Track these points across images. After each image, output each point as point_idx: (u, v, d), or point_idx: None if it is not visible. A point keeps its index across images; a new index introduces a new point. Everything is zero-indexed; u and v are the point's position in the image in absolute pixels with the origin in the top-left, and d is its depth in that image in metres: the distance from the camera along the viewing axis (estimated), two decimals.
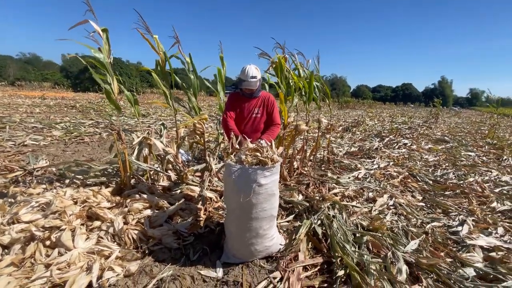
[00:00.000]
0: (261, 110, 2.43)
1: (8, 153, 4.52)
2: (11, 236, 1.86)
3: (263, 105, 2.44)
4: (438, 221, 2.67)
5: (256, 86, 2.29)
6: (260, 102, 2.43)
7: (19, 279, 1.57)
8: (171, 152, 2.67)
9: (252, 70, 2.24)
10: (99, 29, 2.39)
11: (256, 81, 2.26)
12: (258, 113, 2.43)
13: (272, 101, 2.49)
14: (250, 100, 2.42)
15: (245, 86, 2.27)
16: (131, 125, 8.47)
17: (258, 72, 2.29)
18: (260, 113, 2.44)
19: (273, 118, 2.49)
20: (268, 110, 2.46)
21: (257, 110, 2.43)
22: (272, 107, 2.46)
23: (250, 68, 2.25)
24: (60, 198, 2.23)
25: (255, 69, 2.27)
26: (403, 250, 2.07)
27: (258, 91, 2.40)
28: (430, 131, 10.63)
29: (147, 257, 1.89)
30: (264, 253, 1.97)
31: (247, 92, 2.37)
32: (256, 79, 2.26)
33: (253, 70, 2.25)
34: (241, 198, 1.72)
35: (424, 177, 4.19)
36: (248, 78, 2.23)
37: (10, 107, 11.07)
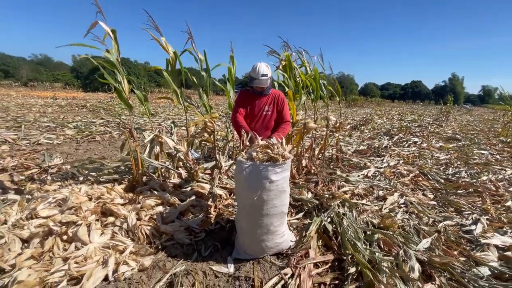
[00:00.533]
0: (271, 108, 2.44)
1: (24, 151, 4.66)
2: (30, 231, 1.92)
3: (274, 103, 2.44)
4: (450, 220, 2.63)
5: (267, 84, 2.30)
6: (271, 99, 2.44)
7: (39, 272, 1.63)
8: (182, 150, 2.71)
9: (263, 68, 2.25)
10: (108, 30, 2.45)
11: (267, 79, 2.27)
12: (268, 110, 2.44)
13: (283, 98, 2.49)
14: (260, 98, 2.42)
15: (256, 84, 2.28)
16: (140, 123, 8.61)
17: (269, 70, 2.30)
18: (270, 111, 2.44)
19: (283, 116, 2.49)
20: (278, 108, 2.46)
21: (268, 107, 2.43)
22: (283, 104, 2.47)
23: (261, 66, 2.26)
24: (76, 194, 2.30)
25: (266, 67, 2.28)
26: (415, 249, 2.05)
27: (268, 88, 2.40)
28: (441, 129, 10.43)
29: (160, 252, 1.93)
30: (275, 249, 1.98)
31: (258, 90, 2.38)
32: (267, 77, 2.26)
33: (264, 68, 2.26)
34: (252, 194, 1.74)
35: (435, 176, 4.12)
36: (259, 76, 2.24)
37: (24, 107, 11.39)
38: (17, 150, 4.71)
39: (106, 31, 2.43)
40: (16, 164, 3.70)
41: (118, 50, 2.57)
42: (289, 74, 3.37)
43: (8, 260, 1.69)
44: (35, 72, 54.08)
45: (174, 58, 2.92)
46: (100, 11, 2.43)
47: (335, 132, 6.12)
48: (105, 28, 2.42)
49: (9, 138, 5.39)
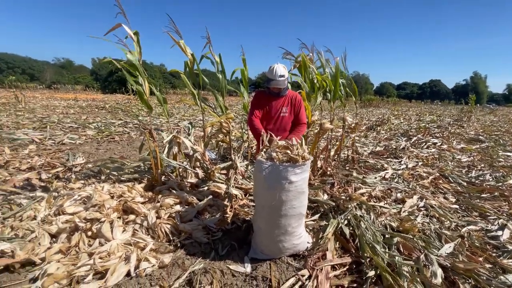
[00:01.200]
0: (288, 109, 2.43)
1: (49, 150, 4.90)
2: (58, 226, 2.03)
3: (291, 104, 2.43)
4: (474, 225, 2.53)
5: (284, 85, 2.30)
6: (288, 101, 2.43)
7: (67, 266, 1.71)
8: (199, 150, 2.76)
9: (280, 69, 2.25)
10: (131, 32, 2.52)
11: (284, 80, 2.27)
12: (286, 112, 2.43)
13: (299, 100, 2.47)
14: (277, 99, 2.42)
15: (273, 85, 2.28)
16: (156, 124, 8.81)
17: (286, 71, 2.30)
18: (288, 112, 2.43)
19: (300, 117, 2.48)
20: (295, 109, 2.45)
21: (285, 109, 2.42)
22: (299, 106, 2.45)
23: (278, 67, 2.26)
24: (99, 192, 2.40)
25: (283, 68, 2.28)
26: (436, 254, 1.99)
27: (285, 89, 2.40)
28: (462, 130, 10.01)
29: (179, 250, 1.98)
30: (292, 250, 1.98)
31: (274, 91, 2.38)
32: (284, 77, 2.26)
33: (281, 69, 2.26)
34: (271, 195, 1.75)
35: (457, 178, 3.97)
36: (276, 77, 2.24)
37: (48, 108, 11.96)
38: (43, 150, 4.96)
39: (128, 33, 2.51)
40: (43, 163, 3.91)
41: (140, 53, 2.64)
42: (303, 74, 3.35)
43: (39, 254, 1.79)
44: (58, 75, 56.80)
45: (192, 61, 2.98)
46: (122, 12, 2.50)
47: (351, 133, 6.03)
48: (128, 30, 2.49)
49: (36, 138, 5.69)
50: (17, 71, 54.24)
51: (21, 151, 4.64)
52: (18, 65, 56.52)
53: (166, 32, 2.80)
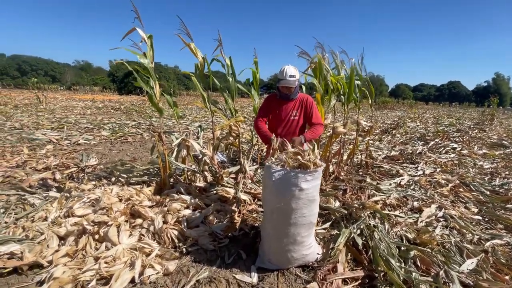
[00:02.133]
0: (298, 113, 2.36)
1: (65, 151, 5.04)
2: (67, 229, 2.04)
3: (301, 107, 2.36)
4: (499, 239, 2.34)
5: (295, 85, 2.23)
6: (298, 104, 2.36)
7: (72, 270, 1.71)
8: (208, 154, 2.73)
9: (290, 70, 2.20)
10: (145, 36, 2.54)
11: (294, 80, 2.21)
12: (296, 115, 2.36)
13: (311, 102, 2.40)
14: (287, 103, 2.36)
15: (283, 84, 2.22)
16: (169, 126, 8.93)
17: (297, 72, 2.24)
18: (298, 116, 2.36)
19: (315, 118, 2.40)
20: (307, 112, 2.37)
21: (295, 112, 2.35)
22: (311, 108, 2.38)
23: (288, 67, 2.21)
24: (108, 195, 2.40)
25: (294, 69, 2.22)
26: (457, 270, 1.85)
27: (295, 92, 2.33)
28: (484, 134, 9.52)
29: (185, 257, 1.94)
30: (301, 261, 1.90)
31: (284, 93, 2.31)
32: (295, 78, 2.20)
33: (292, 70, 2.21)
34: (280, 202, 1.68)
35: (480, 187, 3.74)
36: (286, 77, 2.18)
37: (67, 109, 12.40)
38: (60, 150, 5.11)
39: (142, 37, 2.52)
40: (58, 163, 4.01)
41: (152, 56, 2.65)
42: (318, 76, 3.26)
43: (47, 256, 1.80)
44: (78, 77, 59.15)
45: (203, 63, 2.96)
46: (138, 17, 2.52)
47: (365, 136, 5.84)
48: (142, 34, 2.51)
49: (53, 138, 5.88)
50: (40, 73, 56.97)
51: (39, 151, 4.80)
52: (41, 67, 59.37)
53: (176, 34, 2.80)
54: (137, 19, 2.52)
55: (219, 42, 2.92)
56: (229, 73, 3.12)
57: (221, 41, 2.92)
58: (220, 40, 2.91)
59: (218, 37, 2.91)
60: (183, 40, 2.81)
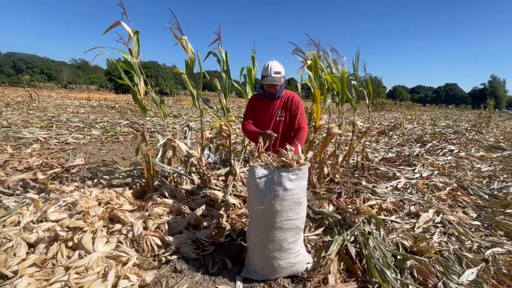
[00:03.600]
0: (284, 112, 2.14)
1: (52, 150, 4.87)
2: (38, 235, 1.89)
3: (287, 106, 2.15)
4: (500, 246, 2.22)
5: (280, 82, 2.00)
6: (284, 103, 2.16)
7: (39, 281, 1.56)
8: (195, 155, 2.58)
9: (275, 66, 2.01)
10: (130, 31, 2.41)
11: (280, 77, 2.00)
12: (282, 115, 2.14)
13: (297, 101, 2.15)
14: (272, 102, 2.14)
15: (268, 81, 2.00)
16: (162, 125, 8.75)
17: (282, 68, 2.05)
18: (284, 116, 2.15)
19: (297, 121, 2.12)
20: (292, 112, 2.13)
21: (281, 112, 2.13)
22: (297, 107, 2.13)
23: (273, 63, 2.01)
24: (86, 198, 2.25)
25: (279, 65, 2.03)
26: (457, 281, 1.73)
27: (281, 90, 2.11)
28: (481, 136, 9.47)
29: (164, 266, 1.79)
30: (289, 270, 1.77)
31: (269, 91, 2.10)
32: (280, 75, 2.00)
33: (277, 66, 2.01)
34: (264, 203, 1.59)
35: (478, 190, 3.63)
36: (271, 73, 1.98)
37: (60, 108, 12.17)
38: (46, 149, 4.93)
39: (128, 32, 2.40)
40: (41, 163, 3.84)
41: (138, 52, 2.52)
42: (314, 74, 3.14)
43: (12, 266, 1.65)
44: (74, 75, 58.71)
45: (193, 59, 2.82)
46: (124, 12, 2.39)
47: (362, 138, 5.74)
48: (127, 29, 2.38)
49: (41, 137, 5.69)
50: (35, 71, 56.38)
51: (24, 150, 4.62)
52: (36, 65, 58.76)
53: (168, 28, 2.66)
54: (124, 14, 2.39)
55: (218, 35, 2.78)
56: (224, 69, 2.98)
57: (221, 35, 2.79)
58: (220, 33, 2.78)
59: (218, 30, 2.77)
60: (174, 34, 2.66)
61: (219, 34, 2.80)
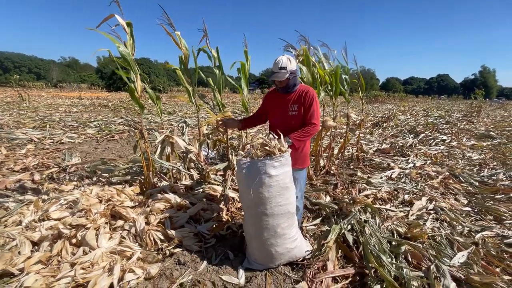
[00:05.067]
0: (297, 107, 2.05)
1: (47, 150, 4.83)
2: (41, 233, 1.91)
3: (300, 101, 2.06)
4: (489, 230, 2.33)
5: (283, 78, 1.94)
6: (297, 97, 2.06)
7: (46, 277, 1.59)
8: (193, 151, 2.61)
9: (282, 61, 1.93)
10: (124, 23, 2.35)
11: (284, 73, 1.93)
12: (295, 110, 2.04)
13: (311, 95, 2.04)
14: (286, 96, 2.07)
15: (272, 78, 1.98)
16: (157, 123, 8.71)
17: (290, 63, 1.96)
18: (297, 111, 2.05)
19: (309, 115, 2.03)
20: (304, 106, 2.03)
21: (294, 107, 2.04)
22: (310, 101, 2.03)
23: (281, 58, 1.95)
24: (87, 196, 2.27)
25: (287, 60, 1.95)
26: (449, 264, 1.82)
27: (292, 85, 2.04)
28: (472, 125, 9.68)
29: (168, 259, 1.84)
30: (287, 256, 1.83)
31: (279, 86, 2.07)
32: (286, 70, 1.93)
33: (284, 61, 1.93)
34: (253, 192, 1.68)
35: (469, 178, 3.75)
36: (277, 68, 1.95)
37: (52, 107, 11.97)
38: (41, 149, 4.89)
39: (121, 24, 2.33)
40: (38, 163, 3.82)
41: (133, 46, 2.47)
42: (307, 68, 3.17)
43: (17, 264, 1.68)
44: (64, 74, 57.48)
45: (187, 55, 2.82)
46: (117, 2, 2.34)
47: (356, 130, 5.81)
48: (120, 21, 2.31)
49: (35, 138, 5.62)
50: (23, 70, 55.04)
51: (18, 151, 4.57)
52: (24, 64, 57.33)
53: (160, 24, 2.65)
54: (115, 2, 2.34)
55: (205, 32, 2.77)
56: (216, 65, 2.99)
57: (207, 31, 2.78)
58: (205, 29, 2.77)
59: (203, 27, 2.77)
60: (166, 30, 2.66)
61: (205, 31, 2.78)
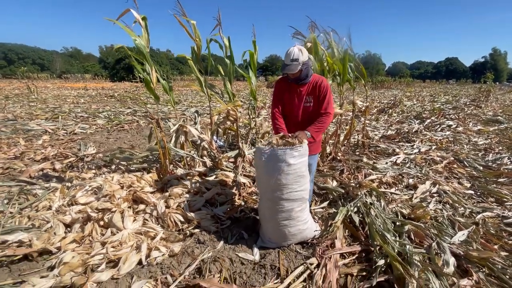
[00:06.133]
0: (312, 98, 2.08)
1: (62, 141, 5.01)
2: (72, 216, 2.09)
3: (314, 91, 2.09)
4: (490, 211, 2.44)
5: (296, 70, 1.94)
6: (311, 88, 2.08)
7: (81, 255, 1.77)
8: (206, 139, 2.74)
9: (294, 52, 1.93)
10: (139, 17, 2.42)
11: (297, 65, 1.93)
12: (310, 101, 2.07)
13: (325, 86, 2.07)
14: (300, 87, 2.08)
15: (286, 71, 1.97)
16: (164, 112, 8.83)
17: (302, 54, 1.96)
18: (312, 102, 2.08)
19: (324, 106, 2.06)
20: (319, 96, 2.06)
21: (309, 98, 2.07)
22: (325, 92, 2.06)
23: (293, 50, 1.95)
24: (109, 182, 2.44)
25: (298, 51, 1.94)
26: (449, 241, 1.94)
27: (305, 76, 2.04)
28: (480, 110, 9.57)
29: (188, 239, 2.01)
30: (299, 236, 1.98)
31: (291, 77, 2.11)
32: (298, 61, 1.93)
33: (296, 52, 1.93)
34: (271, 178, 1.80)
35: (473, 162, 3.83)
36: (288, 61, 1.94)
37: (59, 98, 12.16)
38: (56, 140, 5.08)
39: (136, 18, 2.40)
40: (56, 153, 4.01)
41: (147, 39, 2.54)
42: (315, 56, 3.21)
43: (54, 243, 1.86)
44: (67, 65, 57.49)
45: (200, 46, 2.88)
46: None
47: (361, 117, 5.86)
48: (136, 15, 2.37)
49: (49, 129, 5.82)
50: (27, 62, 55.17)
51: (35, 142, 4.77)
52: (28, 55, 57.40)
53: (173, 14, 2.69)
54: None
55: (218, 21, 2.82)
56: (227, 55, 3.05)
57: (220, 20, 2.83)
58: (220, 19, 2.82)
59: (218, 16, 2.81)
60: (179, 21, 2.71)
61: (218, 20, 2.84)
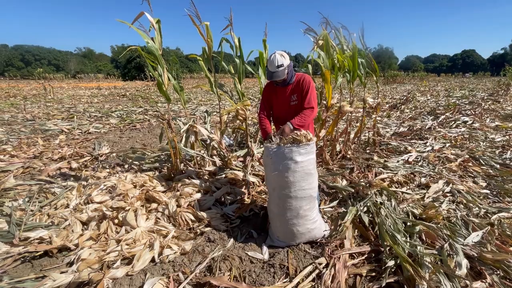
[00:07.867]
0: (297, 96, 2.19)
1: (77, 140, 5.19)
2: (88, 215, 2.17)
3: (298, 89, 2.19)
4: (506, 211, 2.37)
5: (285, 75, 2.04)
6: (296, 86, 2.19)
7: (97, 251, 1.85)
8: (216, 139, 2.78)
9: (277, 59, 2.01)
10: (153, 20, 2.48)
11: (283, 70, 2.02)
12: (295, 100, 2.18)
13: (308, 82, 2.15)
14: (285, 88, 2.19)
15: (273, 78, 2.05)
16: (174, 111, 8.97)
17: (285, 58, 2.04)
18: (297, 100, 2.18)
19: (307, 100, 2.13)
20: (302, 92, 2.15)
21: (294, 97, 2.18)
22: (307, 88, 2.14)
23: (275, 56, 2.01)
24: (123, 182, 2.52)
25: (280, 56, 2.02)
26: (462, 243, 1.90)
27: (290, 77, 2.15)
28: (498, 105, 9.20)
29: (199, 237, 2.06)
30: (308, 235, 1.99)
31: (278, 82, 2.17)
32: (283, 67, 2.02)
33: (279, 58, 2.01)
34: (279, 176, 1.83)
35: (489, 160, 3.70)
36: (274, 68, 2.01)
37: (74, 98, 12.55)
38: (72, 139, 5.26)
39: (150, 22, 2.46)
40: (72, 153, 4.16)
41: (160, 42, 2.60)
42: (326, 53, 3.19)
43: (72, 240, 1.95)
44: (81, 65, 59.10)
45: (211, 46, 2.92)
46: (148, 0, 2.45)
47: (372, 113, 5.77)
48: (150, 19, 2.43)
49: (65, 128, 6.03)
50: (43, 63, 57.06)
51: (53, 141, 4.96)
52: (44, 56, 59.35)
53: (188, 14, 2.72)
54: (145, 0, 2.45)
55: (230, 21, 2.85)
56: (237, 55, 3.08)
57: (232, 20, 2.85)
58: (231, 19, 2.85)
59: (230, 16, 2.84)
60: (193, 21, 2.74)
61: (230, 20, 2.87)
